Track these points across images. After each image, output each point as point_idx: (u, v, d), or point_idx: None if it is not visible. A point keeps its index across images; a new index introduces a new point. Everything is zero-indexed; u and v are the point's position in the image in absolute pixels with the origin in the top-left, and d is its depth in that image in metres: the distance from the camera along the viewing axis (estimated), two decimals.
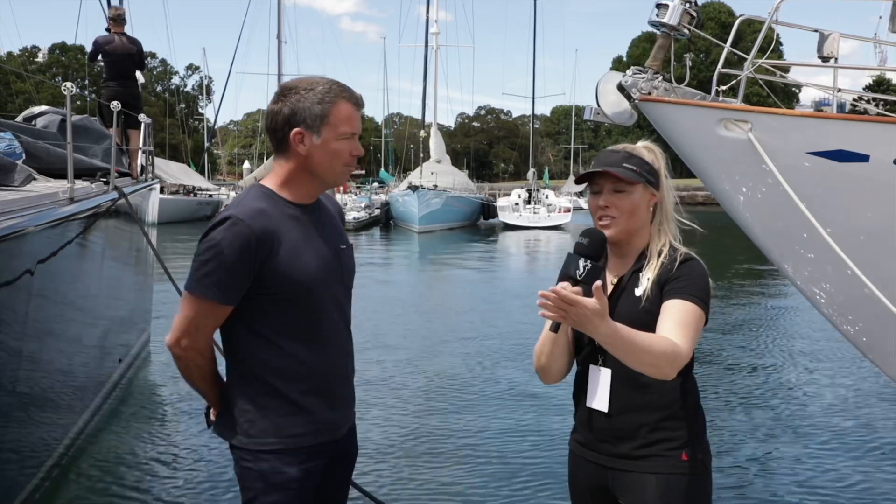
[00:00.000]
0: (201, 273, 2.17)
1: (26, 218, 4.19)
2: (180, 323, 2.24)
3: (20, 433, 4.58)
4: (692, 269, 2.20)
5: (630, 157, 2.26)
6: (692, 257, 2.23)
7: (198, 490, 5.04)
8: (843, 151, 4.14)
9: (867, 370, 7.98)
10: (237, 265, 2.15)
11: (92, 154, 7.51)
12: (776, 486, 5.19)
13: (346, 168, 2.30)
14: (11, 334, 4.19)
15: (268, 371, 2.26)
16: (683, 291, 2.15)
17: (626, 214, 2.24)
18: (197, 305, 2.21)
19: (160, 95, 72.07)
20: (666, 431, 2.21)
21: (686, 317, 2.12)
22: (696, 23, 4.64)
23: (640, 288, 2.20)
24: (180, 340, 2.25)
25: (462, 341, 10.00)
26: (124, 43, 9.46)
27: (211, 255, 2.16)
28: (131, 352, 7.90)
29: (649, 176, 2.25)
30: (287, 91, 2.25)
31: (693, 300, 2.14)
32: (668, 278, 2.18)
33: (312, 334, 2.29)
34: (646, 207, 2.27)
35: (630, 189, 2.23)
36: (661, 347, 2.03)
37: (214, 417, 2.43)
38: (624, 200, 2.24)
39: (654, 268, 2.20)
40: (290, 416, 2.26)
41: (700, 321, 2.14)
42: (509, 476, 5.30)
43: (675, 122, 4.43)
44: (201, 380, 2.36)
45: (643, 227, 2.28)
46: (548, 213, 39.65)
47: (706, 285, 2.19)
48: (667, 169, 2.32)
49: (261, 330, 2.25)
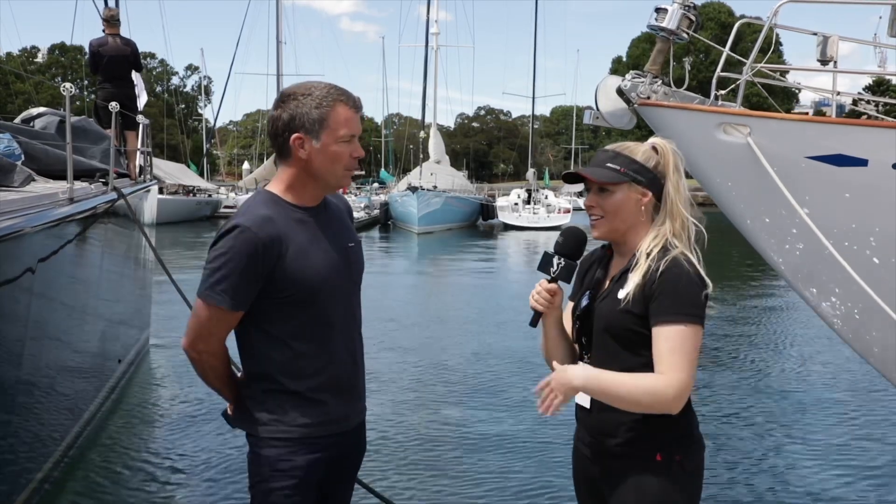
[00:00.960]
0: (212, 281, 2.24)
1: (26, 218, 4.20)
2: (195, 328, 2.34)
3: (20, 434, 4.58)
4: (678, 280, 2.11)
5: (617, 156, 2.25)
6: (678, 264, 2.13)
7: (198, 489, 5.05)
8: (841, 156, 4.15)
9: (868, 371, 7.99)
10: (246, 272, 2.22)
11: (90, 155, 7.50)
12: (776, 491, 5.19)
13: (347, 170, 2.35)
14: (11, 334, 4.19)
15: (280, 370, 2.33)
16: (670, 312, 2.10)
17: (611, 214, 2.24)
18: (209, 312, 2.29)
19: (159, 96, 72.00)
20: (643, 431, 2.19)
21: (676, 343, 2.08)
22: (694, 27, 4.65)
23: (624, 290, 2.19)
24: (196, 345, 2.35)
25: (461, 342, 10.02)
26: (118, 44, 9.39)
27: (220, 264, 2.23)
28: (131, 352, 7.90)
29: (636, 175, 2.22)
30: (286, 97, 2.31)
31: (681, 319, 2.09)
32: (653, 291, 2.12)
33: (323, 333, 2.35)
34: (632, 206, 2.24)
35: (613, 188, 2.23)
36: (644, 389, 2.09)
37: (231, 413, 2.50)
38: (607, 200, 2.24)
39: (641, 270, 2.16)
40: (300, 408, 2.34)
41: (694, 339, 2.10)
42: (518, 471, 5.32)
43: (674, 126, 4.44)
44: (217, 379, 2.46)
45: (636, 226, 2.26)
46: (547, 213, 39.66)
47: (694, 295, 2.12)
48: (679, 166, 2.27)
49: (272, 331, 2.32)
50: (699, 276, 2.15)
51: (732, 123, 4.35)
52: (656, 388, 2.07)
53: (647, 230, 2.25)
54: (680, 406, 2.11)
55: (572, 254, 2.25)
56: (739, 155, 4.33)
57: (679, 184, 2.25)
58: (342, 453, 2.45)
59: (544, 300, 2.29)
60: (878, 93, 34.12)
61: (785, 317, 12.39)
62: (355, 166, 2.37)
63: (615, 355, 2.20)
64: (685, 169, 2.30)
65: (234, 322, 2.32)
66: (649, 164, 2.25)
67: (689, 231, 2.23)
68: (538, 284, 2.29)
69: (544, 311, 2.32)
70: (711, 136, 4.37)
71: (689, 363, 2.09)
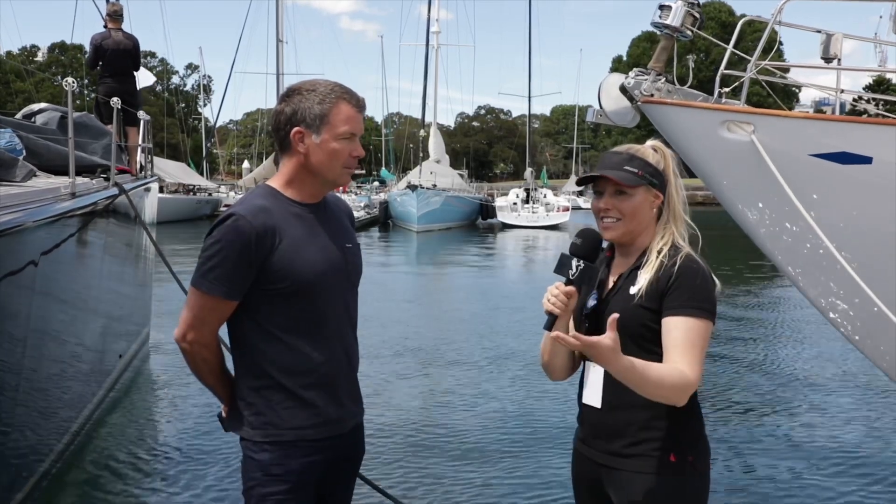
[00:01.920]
0: (205, 269, 2.24)
1: (28, 213, 4.20)
2: (186, 317, 2.31)
3: (21, 430, 4.57)
4: (694, 276, 2.15)
5: (632, 159, 2.26)
6: (694, 260, 2.18)
7: (198, 487, 5.04)
8: (845, 153, 4.14)
9: (870, 373, 7.99)
10: (239, 261, 2.21)
11: (91, 151, 7.49)
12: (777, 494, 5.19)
13: (345, 168, 2.35)
14: (12, 329, 4.19)
15: (272, 365, 2.30)
16: (687, 306, 2.12)
17: (628, 217, 2.24)
18: (202, 300, 2.27)
19: (160, 95, 71.95)
20: (655, 431, 2.19)
21: (691, 336, 2.10)
22: (698, 24, 4.64)
23: (635, 286, 2.19)
24: (186, 334, 2.31)
25: (461, 342, 10.01)
26: (120, 39, 9.43)
27: (214, 252, 2.22)
28: (131, 347, 7.90)
29: (652, 178, 2.24)
30: (292, 92, 2.34)
31: (696, 314, 2.11)
32: (669, 286, 2.14)
33: (317, 330, 2.33)
34: (648, 209, 2.26)
35: (631, 192, 2.23)
36: (672, 381, 2.06)
37: (226, 414, 2.46)
38: (625, 203, 2.24)
39: (653, 267, 2.18)
40: (293, 409, 2.30)
41: (706, 334, 2.13)
42: (514, 472, 5.31)
43: (678, 123, 4.43)
44: (209, 374, 2.40)
45: (646, 228, 2.28)
46: (546, 212, 39.71)
47: (709, 292, 2.16)
48: (676, 168, 2.30)
49: (265, 325, 2.29)
50: (711, 275, 2.19)
51: (736, 121, 4.34)
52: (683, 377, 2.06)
53: (651, 231, 2.28)
54: (686, 400, 2.11)
55: (589, 256, 2.20)
56: (743, 153, 4.32)
57: (679, 186, 2.30)
58: (339, 455, 2.42)
59: (561, 303, 2.21)
60: (878, 91, 34.06)
61: (786, 314, 12.37)
62: (355, 165, 2.38)
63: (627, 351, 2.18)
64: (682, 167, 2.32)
65: (228, 312, 2.29)
66: (660, 166, 2.28)
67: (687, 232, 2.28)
68: (554, 287, 2.22)
69: (559, 314, 2.26)
70: (715, 133, 4.37)
71: (702, 359, 2.12)
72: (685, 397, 2.10)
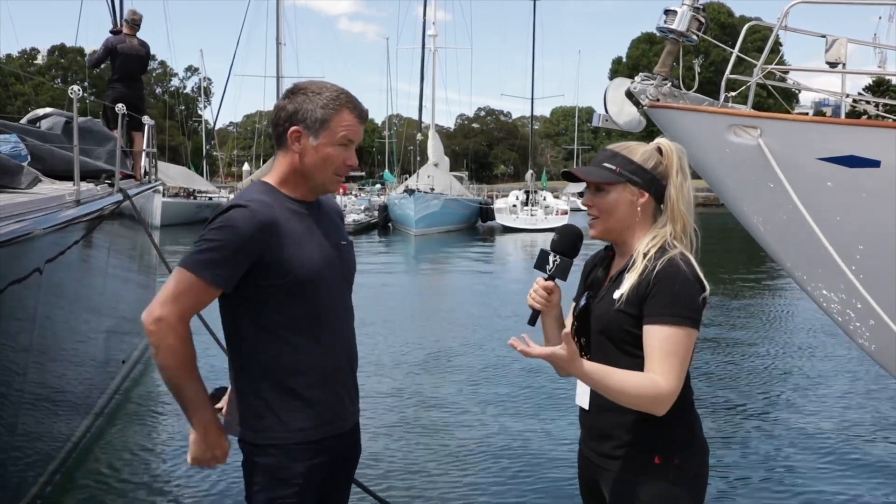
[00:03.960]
0: (197, 251, 2.19)
1: (34, 221, 4.20)
2: (159, 295, 2.20)
3: (26, 434, 4.57)
4: (672, 282, 2.08)
5: (615, 156, 2.25)
6: (675, 264, 2.10)
7: (202, 489, 5.04)
8: (853, 157, 4.13)
9: (872, 373, 7.99)
10: (236, 250, 2.17)
11: (96, 156, 7.50)
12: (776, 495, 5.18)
13: (336, 175, 2.35)
14: (19, 334, 4.19)
15: (271, 363, 2.28)
16: (665, 313, 2.07)
17: (605, 213, 2.24)
18: (183, 277, 2.18)
19: (160, 97, 71.98)
20: (641, 433, 2.17)
21: (668, 345, 2.06)
22: (703, 28, 4.64)
23: (619, 290, 2.17)
24: (154, 310, 2.16)
25: (460, 342, 10.01)
26: (135, 45, 9.66)
27: (211, 237, 2.19)
28: (135, 353, 7.90)
29: (632, 175, 2.21)
30: (297, 90, 2.34)
31: (674, 321, 2.06)
32: (648, 291, 2.10)
33: (316, 326, 2.32)
34: (627, 207, 2.22)
35: (608, 188, 2.23)
36: (637, 389, 2.04)
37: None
38: (602, 199, 2.24)
39: (637, 270, 2.14)
40: (295, 411, 2.29)
41: (686, 342, 2.07)
42: (521, 472, 5.31)
43: (685, 128, 4.43)
44: (177, 369, 2.20)
45: (633, 227, 2.24)
46: (545, 214, 39.61)
47: (690, 298, 2.08)
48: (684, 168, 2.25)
49: (264, 322, 2.27)
50: (697, 278, 2.11)
51: (743, 125, 4.34)
52: (654, 387, 2.04)
53: (646, 231, 2.24)
54: (665, 410, 2.08)
55: (568, 251, 2.24)
56: (750, 157, 4.32)
57: (682, 186, 2.23)
58: (339, 455, 2.41)
59: (542, 298, 2.28)
60: (878, 93, 34.05)
61: (791, 315, 12.38)
62: (346, 173, 2.37)
63: (611, 356, 2.18)
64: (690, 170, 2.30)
65: (204, 300, 2.21)
66: (648, 164, 2.23)
67: (690, 234, 2.22)
68: (536, 282, 2.29)
69: (542, 310, 2.30)
70: (722, 137, 4.36)
71: (682, 368, 2.07)
72: (659, 407, 2.06)
